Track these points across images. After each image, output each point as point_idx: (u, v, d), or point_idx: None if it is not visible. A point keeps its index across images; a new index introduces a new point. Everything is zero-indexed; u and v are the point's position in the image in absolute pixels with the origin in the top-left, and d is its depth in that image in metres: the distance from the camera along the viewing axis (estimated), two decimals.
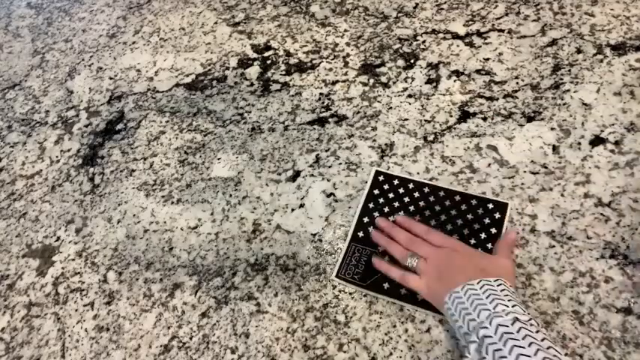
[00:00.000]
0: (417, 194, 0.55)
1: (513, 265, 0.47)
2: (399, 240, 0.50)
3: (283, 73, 0.71)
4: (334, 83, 0.67)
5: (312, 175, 0.60)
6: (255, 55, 0.74)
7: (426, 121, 0.61)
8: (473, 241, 0.50)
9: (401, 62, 0.67)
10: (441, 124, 0.60)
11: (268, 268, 0.54)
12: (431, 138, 0.59)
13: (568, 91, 0.59)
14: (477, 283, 0.40)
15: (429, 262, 0.46)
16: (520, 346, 0.34)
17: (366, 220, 0.54)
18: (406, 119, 0.62)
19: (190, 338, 0.51)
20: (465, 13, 0.70)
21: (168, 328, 0.53)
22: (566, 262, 0.48)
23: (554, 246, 0.49)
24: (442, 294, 0.42)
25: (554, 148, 0.55)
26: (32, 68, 0.85)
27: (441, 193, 0.54)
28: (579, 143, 0.55)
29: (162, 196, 0.63)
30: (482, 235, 0.50)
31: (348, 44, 0.71)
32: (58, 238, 0.63)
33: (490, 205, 0.52)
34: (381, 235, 0.51)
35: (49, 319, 0.57)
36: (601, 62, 0.60)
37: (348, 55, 0.70)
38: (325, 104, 0.66)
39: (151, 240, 0.59)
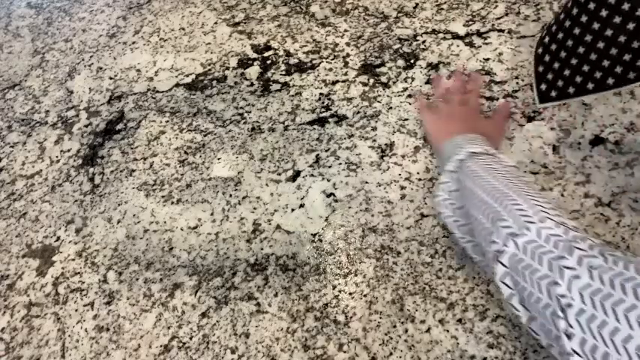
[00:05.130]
0: None
1: (502, 130, 0.57)
2: (449, 86, 0.60)
3: (283, 73, 0.71)
4: (334, 83, 0.67)
5: (312, 175, 0.60)
6: (255, 55, 0.74)
7: None
8: None
9: (401, 62, 0.67)
10: None
11: (268, 268, 0.54)
12: None
13: None
14: (460, 139, 0.49)
15: (446, 106, 0.57)
16: (479, 176, 0.42)
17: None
18: (406, 119, 0.61)
19: (190, 338, 0.51)
20: (465, 13, 0.70)
21: (169, 328, 0.53)
22: None
23: None
24: (441, 135, 0.53)
25: (554, 148, 0.55)
26: (32, 68, 0.85)
27: None
28: (579, 143, 0.55)
29: (162, 196, 0.63)
30: None
31: (348, 44, 0.71)
32: (58, 238, 0.63)
33: None
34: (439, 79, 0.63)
35: (49, 319, 0.57)
36: None
37: (348, 55, 0.70)
38: (325, 104, 0.66)
39: (151, 240, 0.59)
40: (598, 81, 0.43)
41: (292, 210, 0.58)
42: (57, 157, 0.72)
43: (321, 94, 0.67)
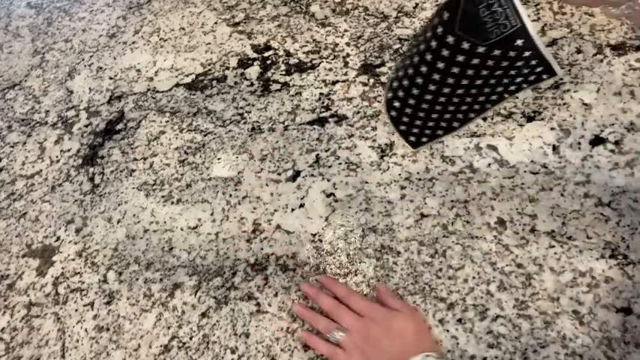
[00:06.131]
0: None
1: (418, 314, 0.47)
2: (323, 308, 0.48)
3: (283, 73, 0.71)
4: (334, 83, 0.67)
5: (312, 175, 0.60)
6: (255, 55, 0.74)
7: None
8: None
9: None
10: None
11: (268, 268, 0.54)
12: None
13: (568, 91, 0.59)
14: None
15: (351, 337, 0.45)
16: None
17: None
18: None
19: (190, 338, 0.51)
20: None
21: (169, 328, 0.53)
22: (566, 262, 0.48)
23: (554, 246, 0.49)
24: None
25: (554, 148, 0.55)
26: (32, 68, 0.85)
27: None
28: (579, 143, 0.55)
29: (162, 196, 0.63)
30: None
31: (348, 44, 0.71)
32: (58, 238, 0.63)
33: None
34: (305, 309, 0.50)
35: (49, 319, 0.57)
36: (601, 62, 0.60)
37: (348, 55, 0.70)
38: (325, 104, 0.66)
39: (151, 240, 0.59)
40: (446, 128, 0.42)
41: (292, 210, 0.58)
42: (57, 157, 0.72)
43: (321, 94, 0.67)
